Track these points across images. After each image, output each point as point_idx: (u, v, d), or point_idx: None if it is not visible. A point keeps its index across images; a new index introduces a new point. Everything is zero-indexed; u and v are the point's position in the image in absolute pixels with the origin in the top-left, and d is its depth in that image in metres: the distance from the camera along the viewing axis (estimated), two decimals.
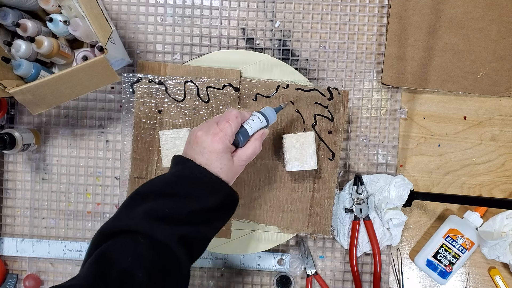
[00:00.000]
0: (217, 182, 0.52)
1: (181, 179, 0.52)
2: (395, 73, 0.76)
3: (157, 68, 0.72)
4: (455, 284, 0.79)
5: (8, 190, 0.78)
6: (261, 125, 0.59)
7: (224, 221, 0.56)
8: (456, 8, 0.75)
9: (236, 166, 0.55)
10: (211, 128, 0.54)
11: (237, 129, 0.56)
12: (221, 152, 0.53)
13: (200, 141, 0.53)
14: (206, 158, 0.53)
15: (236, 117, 0.55)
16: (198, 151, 0.53)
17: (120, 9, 0.77)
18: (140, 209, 0.48)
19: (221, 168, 0.53)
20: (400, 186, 0.72)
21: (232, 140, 0.55)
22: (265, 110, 0.60)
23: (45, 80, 0.60)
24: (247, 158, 0.57)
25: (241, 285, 0.78)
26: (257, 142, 0.58)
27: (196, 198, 0.51)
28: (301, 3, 0.77)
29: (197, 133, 0.54)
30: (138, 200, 0.50)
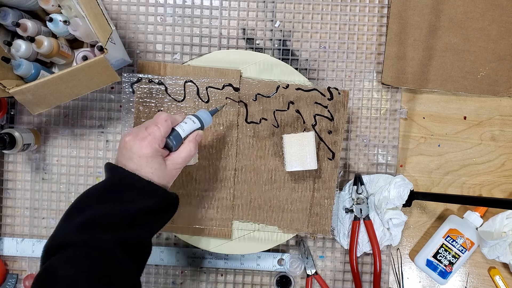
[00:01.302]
0: (149, 186, 0.52)
1: (113, 187, 0.52)
2: (395, 73, 0.76)
3: (157, 68, 0.72)
4: (455, 284, 0.79)
5: (8, 190, 0.78)
6: (194, 127, 0.58)
7: (163, 222, 0.57)
8: (456, 8, 0.75)
9: (170, 170, 0.55)
10: (139, 132, 0.54)
11: (167, 132, 0.55)
12: (150, 156, 0.53)
13: (129, 146, 0.53)
14: (136, 163, 0.52)
15: (165, 120, 0.55)
16: (128, 157, 0.53)
17: (120, 9, 0.77)
18: (76, 221, 0.49)
19: (152, 172, 0.53)
20: (400, 186, 0.72)
21: (162, 144, 0.54)
22: (199, 112, 0.60)
23: (45, 80, 0.60)
24: (182, 161, 0.56)
25: (241, 285, 0.78)
26: (191, 144, 0.57)
27: (129, 203, 0.51)
28: (301, 3, 0.77)
29: (125, 138, 0.54)
30: (73, 213, 0.51)
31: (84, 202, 0.52)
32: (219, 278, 0.78)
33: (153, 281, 0.78)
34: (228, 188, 0.72)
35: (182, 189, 0.72)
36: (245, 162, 0.72)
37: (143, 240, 0.54)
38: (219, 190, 0.72)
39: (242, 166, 0.72)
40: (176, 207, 0.58)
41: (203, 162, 0.71)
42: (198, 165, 0.71)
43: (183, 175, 0.71)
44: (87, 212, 0.50)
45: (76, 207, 0.51)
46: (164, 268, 0.78)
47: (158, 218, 0.55)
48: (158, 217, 0.55)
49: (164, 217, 0.57)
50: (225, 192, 0.72)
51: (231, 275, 0.78)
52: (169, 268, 0.78)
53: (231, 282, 0.78)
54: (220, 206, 0.72)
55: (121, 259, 0.49)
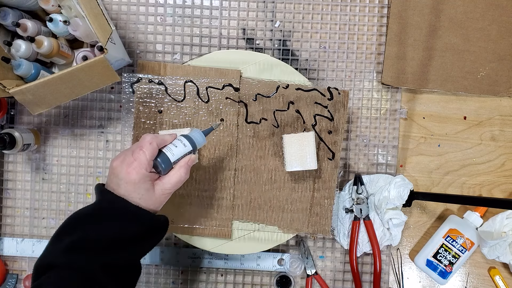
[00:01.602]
0: (136, 211, 0.53)
1: (102, 210, 0.53)
2: (395, 73, 0.76)
3: (157, 68, 0.72)
4: (455, 284, 0.79)
5: (8, 190, 0.78)
6: (185, 151, 0.56)
7: (151, 246, 0.57)
8: (456, 8, 0.75)
9: (158, 195, 0.55)
10: (126, 158, 0.54)
11: (153, 155, 0.54)
12: (137, 182, 0.52)
13: (117, 172, 0.53)
14: (124, 189, 0.53)
15: (150, 143, 0.54)
16: (116, 183, 0.53)
17: (120, 9, 0.77)
18: (63, 243, 0.50)
19: (140, 198, 0.53)
20: (400, 186, 0.72)
21: (149, 168, 0.54)
22: (192, 133, 0.58)
23: (45, 80, 0.60)
24: (171, 187, 0.56)
25: (241, 285, 0.78)
26: (183, 170, 0.56)
27: (116, 227, 0.52)
28: (301, 3, 0.77)
29: (113, 164, 0.54)
30: (62, 234, 0.52)
31: (73, 224, 0.52)
32: (219, 278, 0.78)
33: (153, 281, 0.78)
34: (228, 188, 0.72)
35: (182, 189, 0.72)
36: (245, 162, 0.72)
37: (131, 263, 0.55)
38: (219, 190, 0.72)
39: (242, 166, 0.72)
40: (165, 230, 0.59)
41: (203, 162, 0.71)
42: (198, 165, 0.71)
43: None
44: (75, 235, 0.50)
45: (65, 228, 0.52)
46: (164, 268, 0.78)
47: (146, 242, 0.56)
48: (146, 241, 0.55)
49: (152, 241, 0.57)
50: (225, 192, 0.72)
51: (231, 275, 0.78)
52: (169, 268, 0.78)
53: (231, 282, 0.78)
54: (220, 206, 0.72)
55: (107, 282, 0.50)
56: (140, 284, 0.78)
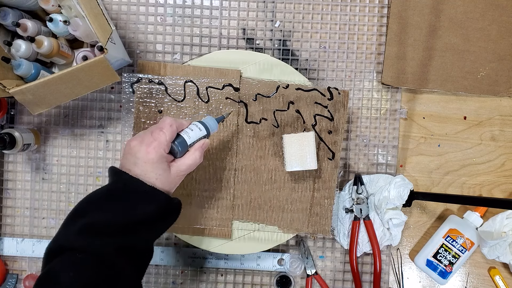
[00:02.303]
0: (152, 191, 0.52)
1: (116, 192, 0.52)
2: (395, 73, 0.76)
3: (157, 68, 0.72)
4: (455, 284, 0.79)
5: (8, 190, 0.78)
6: (200, 135, 0.58)
7: (165, 228, 0.57)
8: (456, 8, 0.75)
9: (173, 176, 0.55)
10: (145, 138, 0.54)
11: (172, 137, 0.55)
12: (155, 162, 0.53)
13: (134, 151, 0.53)
14: (141, 168, 0.53)
15: (170, 125, 0.55)
16: (133, 162, 0.53)
17: (120, 9, 0.77)
18: (77, 226, 0.49)
19: (156, 178, 0.53)
20: (400, 186, 0.72)
21: (167, 149, 0.54)
22: (205, 119, 0.60)
23: (45, 80, 0.60)
24: (186, 169, 0.56)
25: (241, 285, 0.78)
26: (197, 152, 0.57)
27: (131, 209, 0.51)
28: (301, 3, 0.77)
29: (131, 143, 0.54)
30: (76, 216, 0.51)
31: (87, 206, 0.52)
32: (219, 278, 0.78)
33: (153, 281, 0.78)
34: (228, 188, 0.72)
35: (182, 189, 0.72)
36: (245, 162, 0.72)
37: (145, 246, 0.54)
38: (219, 190, 0.72)
39: (242, 166, 0.72)
40: (178, 213, 0.58)
41: (203, 162, 0.71)
42: (198, 165, 0.71)
43: None
44: (89, 217, 0.50)
45: (78, 211, 0.51)
46: (164, 268, 0.78)
47: (160, 223, 0.55)
48: (160, 223, 0.55)
49: (166, 222, 0.57)
50: (225, 192, 0.72)
51: (231, 275, 0.78)
52: (169, 268, 0.78)
53: (231, 282, 0.78)
54: (220, 206, 0.72)
55: (121, 265, 0.49)
56: None
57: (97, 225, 0.49)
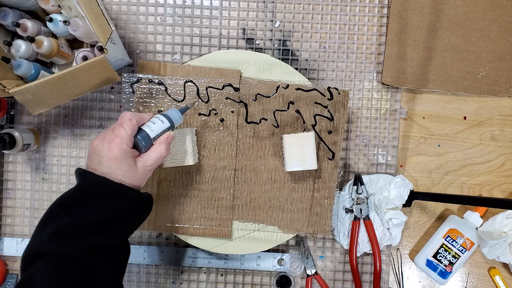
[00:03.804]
0: (119, 188, 0.52)
1: (84, 193, 0.52)
2: (395, 73, 0.76)
3: (157, 68, 0.72)
4: (455, 284, 0.79)
5: (8, 190, 0.78)
6: (163, 127, 0.58)
7: (138, 223, 0.57)
8: (456, 8, 0.75)
9: (141, 171, 0.55)
10: (106, 135, 0.54)
11: (134, 131, 0.55)
12: (119, 158, 0.52)
13: (97, 150, 0.53)
14: (106, 166, 0.52)
15: (129, 120, 0.54)
16: (97, 162, 0.53)
17: (120, 9, 0.77)
18: (48, 230, 0.49)
19: (123, 174, 0.53)
20: (400, 186, 0.72)
21: (130, 144, 0.54)
22: (168, 111, 0.60)
23: (45, 80, 0.60)
24: (153, 163, 0.56)
25: (241, 285, 0.78)
26: (163, 145, 0.57)
27: (100, 208, 0.51)
28: (301, 3, 0.77)
29: (93, 143, 0.54)
30: (47, 221, 0.51)
31: (57, 209, 0.52)
32: (219, 278, 0.78)
33: (153, 281, 0.78)
34: (228, 188, 0.72)
35: (182, 189, 0.72)
36: (245, 162, 0.72)
37: (119, 243, 0.54)
38: (219, 190, 0.72)
39: (242, 166, 0.72)
40: (150, 207, 0.58)
41: (203, 162, 0.71)
42: (198, 165, 0.71)
43: (183, 175, 0.71)
44: (60, 220, 0.50)
45: (49, 215, 0.51)
46: (164, 268, 0.78)
47: (132, 219, 0.55)
48: (132, 219, 0.55)
49: (139, 217, 0.57)
50: (225, 192, 0.72)
51: (231, 275, 0.78)
52: (169, 268, 0.78)
53: (231, 282, 0.78)
54: (220, 206, 0.72)
55: (97, 264, 0.49)
56: (140, 284, 0.78)
57: (68, 227, 0.49)
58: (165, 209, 0.72)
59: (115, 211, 0.52)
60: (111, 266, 0.52)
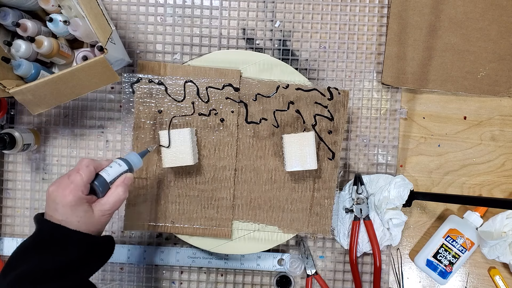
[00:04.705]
0: (75, 236, 0.52)
1: (41, 241, 0.52)
2: (395, 73, 0.76)
3: (157, 68, 0.72)
4: (455, 284, 0.79)
5: (8, 190, 0.78)
6: (120, 170, 0.58)
7: (98, 266, 0.57)
8: (456, 8, 0.75)
9: (98, 216, 0.55)
10: (62, 182, 0.54)
11: (90, 178, 0.55)
12: (74, 205, 0.52)
13: (53, 196, 0.53)
14: (61, 213, 0.52)
15: (86, 166, 0.54)
16: (53, 208, 0.53)
17: (120, 9, 0.77)
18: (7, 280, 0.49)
19: (78, 221, 0.53)
20: (400, 186, 0.72)
21: (85, 190, 0.54)
22: (127, 155, 0.60)
23: (45, 80, 0.60)
24: (111, 207, 0.56)
25: (241, 285, 0.78)
26: (120, 188, 0.56)
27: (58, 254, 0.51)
28: (301, 3, 0.77)
29: (49, 189, 0.54)
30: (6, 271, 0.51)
31: (15, 259, 0.52)
32: (219, 278, 0.78)
33: (153, 281, 0.78)
34: (228, 188, 0.72)
35: (182, 189, 0.72)
36: (245, 162, 0.72)
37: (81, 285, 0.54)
38: (219, 190, 0.72)
39: (242, 166, 0.72)
40: (111, 250, 0.59)
41: (203, 162, 0.71)
42: (198, 165, 0.71)
43: (183, 175, 0.71)
44: (19, 269, 0.50)
45: (7, 266, 0.52)
46: (164, 268, 0.78)
47: (90, 264, 0.56)
48: (90, 264, 0.56)
49: (97, 262, 0.57)
50: (225, 192, 0.72)
51: (231, 275, 0.78)
52: (169, 268, 0.78)
53: (231, 282, 0.78)
54: (220, 206, 0.72)
55: None
56: (140, 284, 0.78)
57: (27, 275, 0.49)
58: (165, 209, 0.72)
59: (72, 257, 0.52)
60: None
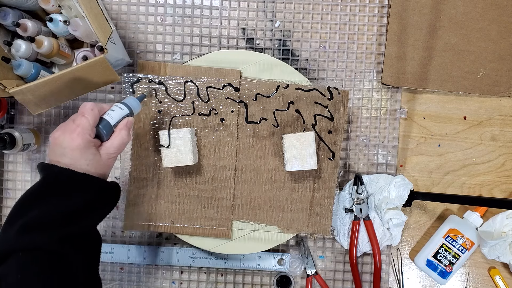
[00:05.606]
0: (85, 178, 0.52)
1: (48, 186, 0.51)
2: (395, 73, 0.76)
3: (157, 68, 0.72)
4: (455, 284, 0.79)
5: (8, 190, 0.78)
6: (123, 114, 0.58)
7: (106, 212, 0.57)
8: (456, 8, 0.75)
9: (105, 160, 0.55)
10: (67, 126, 0.53)
11: (96, 121, 0.55)
12: (83, 148, 0.52)
13: (59, 141, 0.53)
14: (70, 157, 0.52)
15: (91, 109, 0.54)
16: (60, 153, 0.52)
17: (120, 9, 0.77)
18: (16, 227, 0.48)
19: (87, 164, 0.53)
20: (400, 186, 0.72)
21: (92, 133, 0.54)
22: (126, 99, 0.61)
23: (45, 80, 0.60)
24: (116, 150, 0.56)
25: (241, 285, 0.78)
26: (123, 131, 0.57)
27: (67, 199, 0.51)
28: (301, 3, 0.77)
29: (54, 135, 0.53)
30: (13, 219, 0.50)
31: (22, 205, 0.51)
32: (219, 278, 0.78)
33: (153, 281, 0.78)
34: (228, 188, 0.72)
35: (182, 189, 0.72)
36: (245, 162, 0.72)
37: (89, 231, 0.54)
38: (219, 190, 0.72)
39: (242, 166, 0.72)
40: (118, 195, 0.58)
41: (203, 162, 0.71)
42: (198, 165, 0.71)
43: (183, 175, 0.71)
44: (26, 216, 0.49)
45: (14, 213, 0.51)
46: (164, 268, 0.78)
47: (100, 209, 0.55)
48: (100, 208, 0.55)
49: (106, 207, 0.57)
50: (225, 192, 0.72)
51: (231, 275, 0.78)
52: (169, 268, 0.78)
53: (231, 282, 0.78)
54: (220, 206, 0.72)
55: (68, 254, 0.49)
56: (140, 284, 0.78)
57: (36, 222, 0.48)
58: (165, 209, 0.72)
59: (82, 201, 0.51)
60: (83, 255, 0.51)
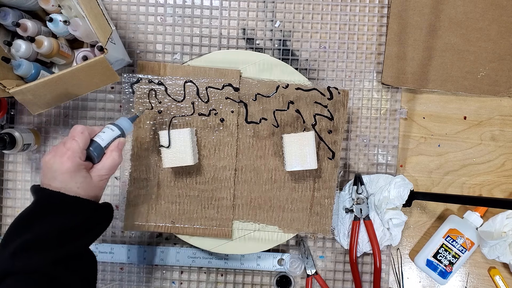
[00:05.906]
0: (75, 201, 0.53)
1: (40, 209, 0.52)
2: (395, 73, 0.76)
3: (156, 68, 0.72)
4: (455, 284, 0.79)
5: (8, 190, 0.78)
6: (113, 135, 0.58)
7: (98, 233, 0.58)
8: (456, 8, 0.75)
9: (96, 182, 0.55)
10: (58, 150, 0.54)
11: (86, 144, 0.55)
12: (72, 171, 0.53)
13: (50, 165, 0.53)
14: (60, 181, 0.53)
15: (81, 133, 0.55)
16: (51, 177, 0.53)
17: (120, 9, 0.77)
18: (10, 249, 0.49)
19: (78, 187, 0.53)
20: (400, 186, 0.72)
21: (83, 156, 0.54)
22: (118, 120, 0.61)
23: (45, 80, 0.60)
24: (107, 171, 0.56)
25: (241, 285, 0.78)
26: (115, 153, 0.57)
27: (58, 222, 0.51)
28: (301, 3, 0.77)
29: (45, 158, 0.54)
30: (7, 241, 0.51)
31: (17, 227, 0.52)
32: (219, 278, 0.78)
33: (153, 281, 0.78)
34: (228, 188, 0.72)
35: (182, 189, 0.72)
36: (245, 162, 0.72)
37: (83, 251, 0.55)
38: (219, 190, 0.72)
39: (242, 166, 0.72)
40: (110, 217, 0.59)
41: (203, 162, 0.71)
42: (198, 165, 0.71)
43: (183, 175, 0.71)
44: (19, 238, 0.50)
45: (8, 235, 0.51)
46: (164, 268, 0.78)
47: (92, 230, 0.56)
48: (92, 229, 0.56)
49: (98, 228, 0.57)
50: (225, 192, 0.72)
51: (231, 275, 0.78)
52: (169, 268, 0.78)
53: (231, 282, 0.78)
54: (220, 206, 0.72)
55: (62, 275, 0.50)
56: (140, 284, 0.78)
57: (28, 245, 0.49)
58: (165, 209, 0.72)
59: (73, 223, 0.52)
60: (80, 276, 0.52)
